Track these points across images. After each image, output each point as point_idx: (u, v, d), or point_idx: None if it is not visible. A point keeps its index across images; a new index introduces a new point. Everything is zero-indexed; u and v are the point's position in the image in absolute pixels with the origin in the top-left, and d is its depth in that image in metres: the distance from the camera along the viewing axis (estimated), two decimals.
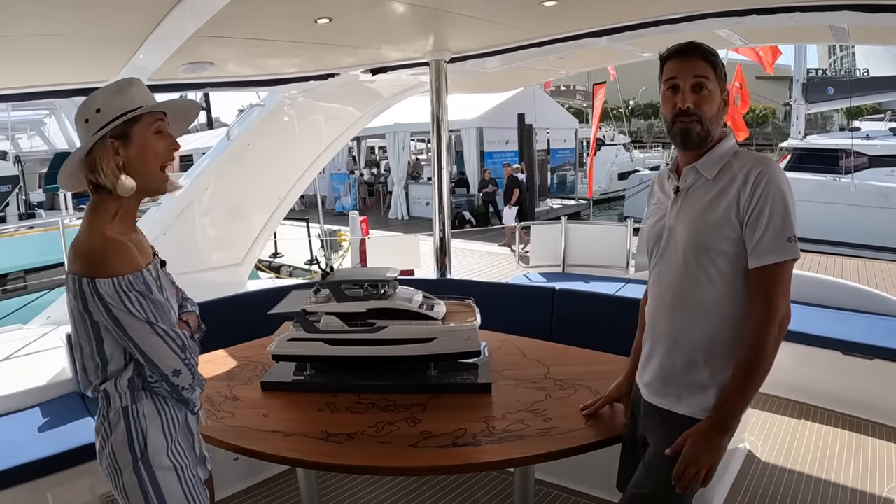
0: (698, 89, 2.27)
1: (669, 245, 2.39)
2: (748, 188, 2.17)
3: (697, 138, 2.29)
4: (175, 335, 2.06)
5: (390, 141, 25.39)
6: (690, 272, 2.30)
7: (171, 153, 2.14)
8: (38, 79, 4.78)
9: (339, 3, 3.76)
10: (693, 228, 2.29)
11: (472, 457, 2.64)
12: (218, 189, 6.43)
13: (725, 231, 2.22)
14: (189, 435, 2.29)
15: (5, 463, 3.54)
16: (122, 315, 1.98)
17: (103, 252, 2.01)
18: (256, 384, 3.43)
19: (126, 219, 2.18)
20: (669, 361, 2.38)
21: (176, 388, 2.11)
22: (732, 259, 2.23)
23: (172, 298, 2.27)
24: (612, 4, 4.46)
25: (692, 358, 2.31)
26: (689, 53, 2.31)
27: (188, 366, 2.09)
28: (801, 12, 4.35)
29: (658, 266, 2.47)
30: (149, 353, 2.03)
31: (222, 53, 4.66)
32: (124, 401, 2.12)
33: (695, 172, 2.34)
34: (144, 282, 2.03)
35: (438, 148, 5.86)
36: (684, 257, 2.31)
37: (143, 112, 2.09)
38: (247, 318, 4.04)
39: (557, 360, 3.65)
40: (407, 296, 3.43)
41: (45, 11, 3.25)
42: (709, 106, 2.28)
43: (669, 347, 2.39)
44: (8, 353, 5.21)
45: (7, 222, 19.35)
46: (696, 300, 2.29)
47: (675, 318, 2.37)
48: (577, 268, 8.49)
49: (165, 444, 2.15)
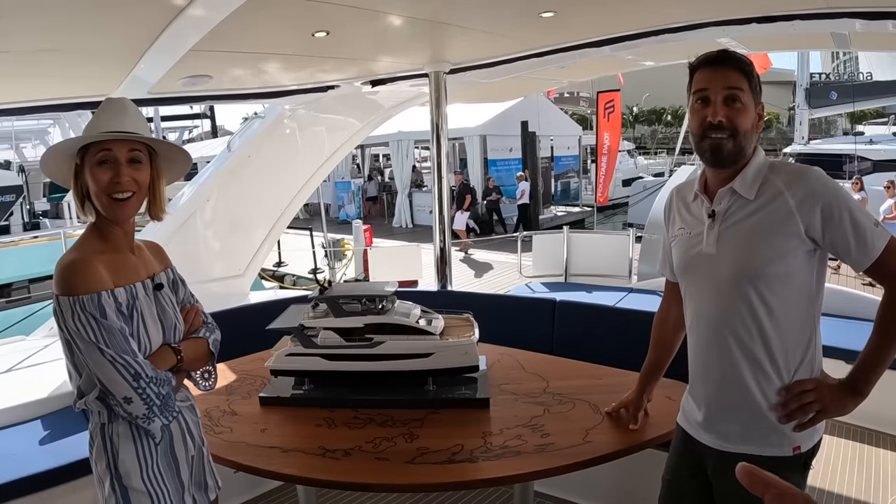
0: (731, 101, 2.11)
1: (710, 275, 2.22)
2: (808, 203, 2.03)
3: (729, 155, 2.13)
4: (125, 363, 2.01)
5: (394, 149, 25.38)
6: (743, 301, 2.12)
7: (114, 184, 2.09)
8: (38, 93, 4.80)
9: (336, 17, 3.76)
10: (743, 256, 2.12)
11: (468, 474, 2.62)
12: (220, 200, 6.44)
13: (790, 250, 2.06)
14: (171, 461, 2.24)
15: (6, 476, 3.53)
16: (74, 335, 1.99)
17: (66, 271, 2.03)
18: (255, 398, 3.43)
19: (113, 237, 2.19)
20: (732, 402, 2.20)
21: (130, 415, 2.07)
22: (793, 277, 2.09)
23: (152, 324, 2.22)
24: (611, 14, 4.46)
25: (756, 393, 2.14)
26: (721, 63, 2.15)
27: (141, 396, 2.04)
28: (801, 20, 4.33)
29: (698, 298, 2.30)
30: (99, 375, 2.01)
31: (221, 66, 4.67)
32: (102, 417, 2.12)
33: (731, 194, 2.17)
34: (99, 304, 2.01)
35: (438, 158, 5.86)
36: (734, 287, 2.14)
37: (88, 142, 2.11)
38: (247, 330, 4.03)
39: (557, 373, 3.64)
40: (405, 310, 3.42)
41: (46, 28, 3.28)
42: (743, 119, 2.11)
43: (730, 388, 2.20)
44: (10, 365, 5.21)
45: (11, 232, 19.42)
46: (753, 330, 2.12)
47: (729, 356, 2.18)
48: (579, 277, 8.47)
49: (139, 467, 2.13)
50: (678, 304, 2.51)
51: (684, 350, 2.47)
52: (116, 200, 2.11)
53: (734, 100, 2.11)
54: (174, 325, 2.33)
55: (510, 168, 25.10)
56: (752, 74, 2.15)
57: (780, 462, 2.12)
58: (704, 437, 2.29)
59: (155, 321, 2.24)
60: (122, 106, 2.20)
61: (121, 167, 2.11)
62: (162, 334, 2.26)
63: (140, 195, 2.19)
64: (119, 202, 2.12)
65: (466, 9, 3.99)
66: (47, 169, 2.20)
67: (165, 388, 2.13)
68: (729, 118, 2.10)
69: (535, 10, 4.09)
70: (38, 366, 5.23)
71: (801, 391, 2.11)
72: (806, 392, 2.10)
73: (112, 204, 2.11)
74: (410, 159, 25.87)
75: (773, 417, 2.13)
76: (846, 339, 4.81)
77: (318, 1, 3.41)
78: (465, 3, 3.87)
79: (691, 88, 2.21)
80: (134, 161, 2.15)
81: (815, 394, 2.10)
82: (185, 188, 6.54)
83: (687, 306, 2.38)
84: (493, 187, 23.26)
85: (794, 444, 2.13)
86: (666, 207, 2.54)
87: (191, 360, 2.33)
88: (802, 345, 2.14)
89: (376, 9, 3.76)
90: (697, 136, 2.18)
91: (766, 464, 2.06)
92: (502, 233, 20.98)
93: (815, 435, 2.18)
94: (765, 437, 2.15)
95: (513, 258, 14.43)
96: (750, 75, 2.14)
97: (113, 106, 2.18)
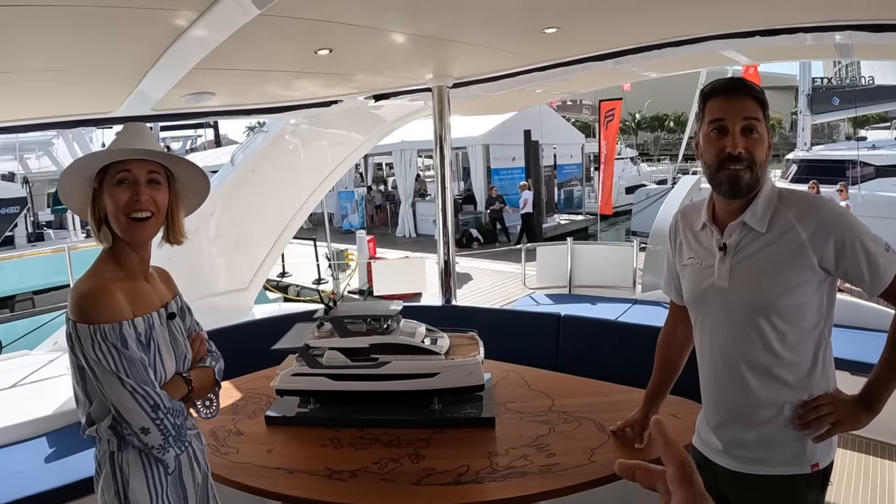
0: (748, 132, 2.09)
1: (723, 307, 2.21)
2: (821, 236, 2.04)
3: (746, 187, 2.11)
4: (145, 394, 2.01)
5: (397, 158, 25.43)
6: (756, 332, 2.13)
7: (133, 203, 2.10)
8: (42, 111, 4.83)
9: (340, 35, 3.77)
10: (756, 290, 2.12)
11: (474, 495, 2.62)
12: (223, 214, 6.46)
13: (803, 282, 2.07)
14: (180, 490, 2.23)
15: (11, 494, 3.53)
16: (94, 364, 1.98)
17: (86, 298, 2.02)
18: (261, 418, 3.43)
19: (129, 264, 2.19)
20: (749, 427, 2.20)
21: (146, 445, 2.06)
22: (805, 306, 2.09)
23: (167, 354, 2.22)
24: (614, 29, 4.46)
25: (772, 418, 2.15)
26: (737, 91, 2.12)
27: (159, 427, 2.04)
28: (804, 33, 4.34)
29: (710, 329, 2.29)
30: (117, 405, 2.00)
31: (224, 83, 4.69)
32: (111, 446, 2.11)
33: (741, 227, 2.17)
34: (121, 335, 2.01)
35: (442, 170, 5.87)
36: (747, 319, 2.14)
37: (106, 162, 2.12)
38: (253, 346, 4.02)
39: (562, 391, 3.64)
40: (410, 330, 3.43)
41: (50, 48, 3.29)
42: (760, 150, 2.10)
43: (745, 412, 2.21)
44: (15, 381, 5.22)
45: (16, 244, 19.45)
46: (766, 357, 2.13)
47: (743, 384, 2.18)
48: (583, 289, 8.46)
49: (149, 497, 2.11)
50: (683, 325, 2.52)
51: (689, 365, 2.48)
52: (135, 221, 2.11)
53: (751, 130, 2.09)
54: (184, 355, 2.33)
55: (513, 177, 25.13)
56: (766, 103, 2.14)
57: (802, 480, 2.14)
58: (721, 460, 2.29)
59: (169, 351, 2.24)
60: (141, 130, 2.21)
61: (140, 187, 2.11)
62: (174, 364, 2.26)
63: (159, 217, 2.19)
64: (138, 223, 2.11)
65: (470, 25, 4.00)
66: (64, 192, 2.18)
67: (180, 418, 2.13)
68: (747, 149, 2.09)
69: (538, 27, 4.10)
70: (43, 381, 5.23)
71: (818, 404, 2.13)
72: (822, 405, 2.13)
73: (131, 225, 2.11)
74: (414, 168, 25.91)
75: (790, 437, 2.14)
76: (853, 351, 4.83)
77: (321, 20, 3.42)
78: (468, 20, 3.88)
79: (704, 116, 2.19)
80: (153, 182, 2.15)
81: (831, 407, 2.13)
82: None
83: (698, 336, 2.38)
84: (497, 196, 23.27)
85: (812, 461, 2.14)
86: (671, 231, 2.53)
87: (199, 390, 2.33)
88: (817, 366, 2.16)
89: (380, 27, 3.77)
90: (714, 168, 2.15)
91: (787, 483, 2.11)
92: (506, 242, 21.01)
93: (832, 451, 2.21)
94: (783, 457, 2.16)
95: (516, 268, 14.42)
96: (764, 104, 2.13)
97: (132, 130, 2.20)
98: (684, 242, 2.43)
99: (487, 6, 3.63)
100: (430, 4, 3.55)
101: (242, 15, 2.99)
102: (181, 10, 2.91)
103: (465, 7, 3.61)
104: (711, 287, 2.24)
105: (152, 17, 2.96)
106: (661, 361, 2.80)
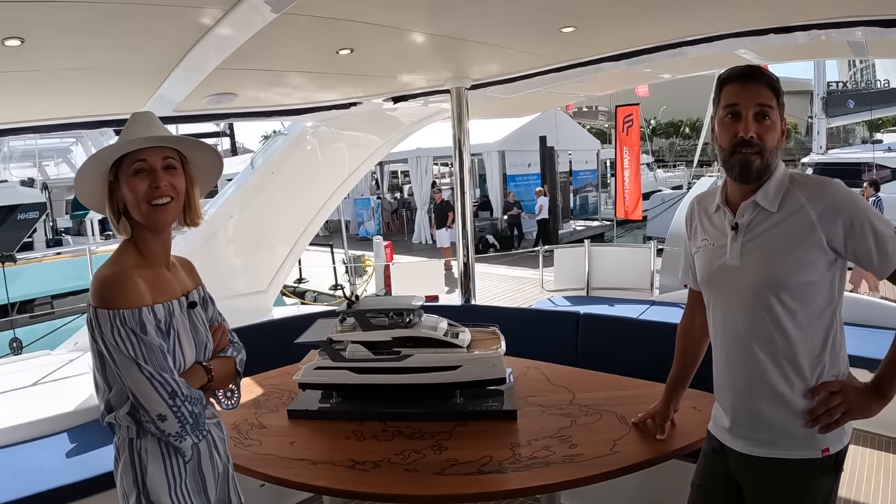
0: (761, 118, 2.14)
1: (735, 286, 2.25)
2: (830, 215, 2.07)
3: (757, 172, 2.17)
4: (163, 380, 2.04)
5: (413, 165, 25.46)
6: (767, 311, 2.16)
7: (153, 190, 2.13)
8: (65, 110, 4.89)
9: (361, 34, 3.81)
10: (767, 268, 2.16)
11: (498, 484, 2.63)
12: (243, 217, 6.51)
13: (813, 261, 2.10)
14: (199, 479, 2.25)
15: (34, 488, 3.58)
16: (112, 349, 2.00)
17: (107, 284, 2.05)
18: (283, 412, 3.45)
19: (150, 253, 2.22)
20: (760, 408, 2.22)
21: (163, 433, 2.08)
22: (815, 286, 2.12)
23: (187, 342, 2.24)
24: (631, 28, 4.49)
25: (784, 399, 2.17)
26: (752, 78, 2.17)
27: (176, 414, 2.06)
28: (818, 30, 4.36)
29: (723, 309, 2.33)
30: (135, 391, 2.02)
31: (245, 84, 4.74)
32: (130, 433, 2.13)
33: (753, 206, 2.21)
34: (140, 320, 2.03)
35: (461, 173, 5.90)
36: (758, 297, 2.17)
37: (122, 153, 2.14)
38: (273, 345, 4.06)
39: (583, 385, 3.65)
40: (432, 324, 3.45)
41: (76, 47, 3.35)
42: (771, 136, 2.16)
43: (757, 393, 2.22)
44: (36, 379, 5.28)
45: (35, 248, 19.59)
46: (778, 337, 2.16)
47: (755, 363, 2.20)
48: (601, 291, 8.46)
49: (167, 485, 2.13)
50: (702, 312, 2.53)
51: (709, 360, 2.49)
52: (156, 206, 2.14)
53: (764, 116, 2.14)
54: (205, 344, 2.35)
55: (529, 183, 25.13)
56: (780, 91, 2.18)
57: (812, 464, 2.15)
58: (734, 444, 2.31)
59: (189, 339, 2.25)
60: (150, 118, 2.24)
61: (158, 173, 2.14)
62: (194, 353, 2.28)
63: (178, 201, 2.22)
64: (159, 207, 2.14)
65: (488, 25, 4.04)
66: (82, 190, 2.21)
67: (198, 406, 2.15)
68: (759, 134, 2.14)
69: (555, 26, 4.13)
70: (63, 380, 5.28)
71: (827, 393, 2.14)
72: (832, 395, 2.14)
73: (152, 210, 2.13)
74: (429, 175, 25.93)
75: (801, 421, 2.16)
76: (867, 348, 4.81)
77: (343, 19, 3.46)
78: (487, 20, 3.92)
79: (720, 102, 2.23)
80: (169, 167, 2.18)
81: (841, 395, 2.14)
82: (208, 205, 6.61)
83: (711, 317, 2.41)
84: (514, 202, 23.27)
85: (823, 445, 2.16)
86: (687, 217, 2.57)
87: (219, 379, 2.34)
88: (827, 348, 2.17)
89: (400, 26, 3.82)
90: (727, 152, 2.20)
91: (799, 467, 2.11)
92: (525, 247, 21.03)
93: (844, 437, 2.21)
94: (793, 440, 2.17)
95: (533, 273, 14.42)
96: (778, 92, 2.17)
97: (141, 118, 2.22)
98: (699, 226, 2.47)
99: (506, 5, 3.66)
100: (449, 4, 3.59)
101: (268, 12, 3.04)
102: (207, 7, 2.95)
103: (483, 6, 3.65)
104: (723, 266, 2.28)
105: (179, 14, 3.01)
106: (681, 350, 2.82)
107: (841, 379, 2.20)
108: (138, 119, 2.23)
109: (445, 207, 19.90)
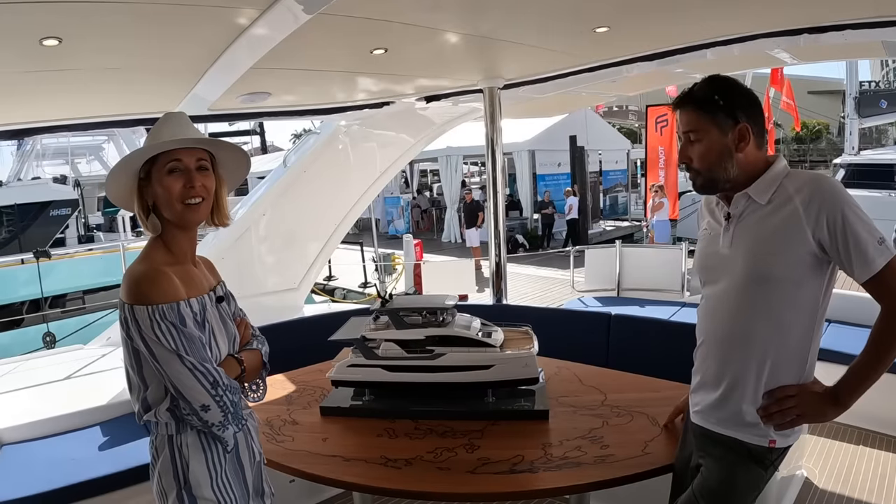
0: (691, 142, 2.31)
1: (724, 274, 2.33)
2: (813, 208, 2.13)
3: (703, 188, 2.35)
4: (205, 370, 2.08)
5: (443, 164, 25.44)
6: (749, 301, 2.24)
7: (188, 190, 2.17)
8: (100, 109, 4.96)
9: (395, 34, 3.83)
10: (754, 255, 2.23)
11: (529, 483, 2.65)
12: (275, 215, 6.57)
13: (799, 254, 2.15)
14: (238, 468, 2.28)
15: (68, 479, 3.65)
16: (153, 343, 2.03)
17: (143, 280, 2.08)
18: (315, 409, 3.49)
19: (179, 250, 2.26)
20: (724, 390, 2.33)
21: (206, 424, 2.11)
22: (801, 285, 2.18)
23: (220, 335, 2.28)
24: (664, 28, 4.48)
25: (746, 387, 2.27)
26: (679, 106, 2.35)
27: (219, 403, 2.10)
28: (852, 30, 4.32)
29: (711, 295, 2.42)
30: (177, 384, 2.05)
31: (280, 84, 4.77)
32: (170, 429, 2.16)
33: (746, 198, 2.29)
34: (179, 313, 2.07)
35: (493, 173, 5.91)
36: (741, 286, 2.25)
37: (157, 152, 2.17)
38: (305, 342, 4.10)
39: (614, 386, 3.64)
40: (465, 323, 3.46)
41: (113, 48, 3.40)
42: (702, 158, 2.29)
43: (723, 376, 2.34)
44: (69, 373, 5.36)
45: (67, 244, 19.85)
46: (753, 331, 2.24)
47: (730, 350, 2.31)
48: (631, 291, 8.42)
49: (209, 477, 2.16)
50: None
51: None
52: (190, 206, 2.18)
53: (691, 141, 2.31)
54: (234, 337, 2.40)
55: (559, 183, 25.00)
56: (709, 103, 2.28)
57: (757, 450, 2.28)
58: (696, 418, 2.47)
59: (221, 332, 2.30)
60: (183, 118, 2.28)
61: (192, 174, 2.19)
62: (227, 345, 2.33)
63: (209, 201, 2.26)
64: (192, 207, 2.19)
65: (522, 25, 4.04)
66: (112, 186, 2.24)
67: (237, 395, 2.20)
68: (691, 158, 2.32)
69: (589, 26, 4.13)
70: (96, 374, 5.37)
71: (783, 396, 2.24)
72: (788, 398, 2.23)
73: (186, 209, 2.18)
74: (459, 174, 25.90)
75: (757, 414, 2.27)
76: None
77: (378, 19, 3.48)
78: (520, 20, 3.92)
79: None
80: (202, 168, 2.23)
81: (796, 399, 2.23)
82: (239, 204, 6.67)
83: (702, 303, 2.50)
84: (549, 201, 23.20)
85: (771, 437, 2.27)
86: (698, 215, 2.67)
87: (250, 371, 2.39)
88: (800, 352, 2.27)
89: (435, 27, 3.83)
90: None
91: (743, 449, 2.26)
92: (554, 247, 20.98)
93: (793, 435, 2.32)
94: (747, 426, 2.29)
95: (563, 273, 14.39)
96: (705, 106, 2.28)
97: (174, 119, 2.27)
98: (702, 221, 2.59)
99: (540, 5, 3.67)
100: (484, 4, 3.60)
101: (302, 13, 3.06)
102: (244, 7, 2.99)
103: (518, 7, 3.65)
104: (716, 254, 2.39)
105: (216, 14, 3.05)
106: None
107: (802, 383, 2.27)
108: (171, 120, 2.27)
109: (475, 207, 19.95)
